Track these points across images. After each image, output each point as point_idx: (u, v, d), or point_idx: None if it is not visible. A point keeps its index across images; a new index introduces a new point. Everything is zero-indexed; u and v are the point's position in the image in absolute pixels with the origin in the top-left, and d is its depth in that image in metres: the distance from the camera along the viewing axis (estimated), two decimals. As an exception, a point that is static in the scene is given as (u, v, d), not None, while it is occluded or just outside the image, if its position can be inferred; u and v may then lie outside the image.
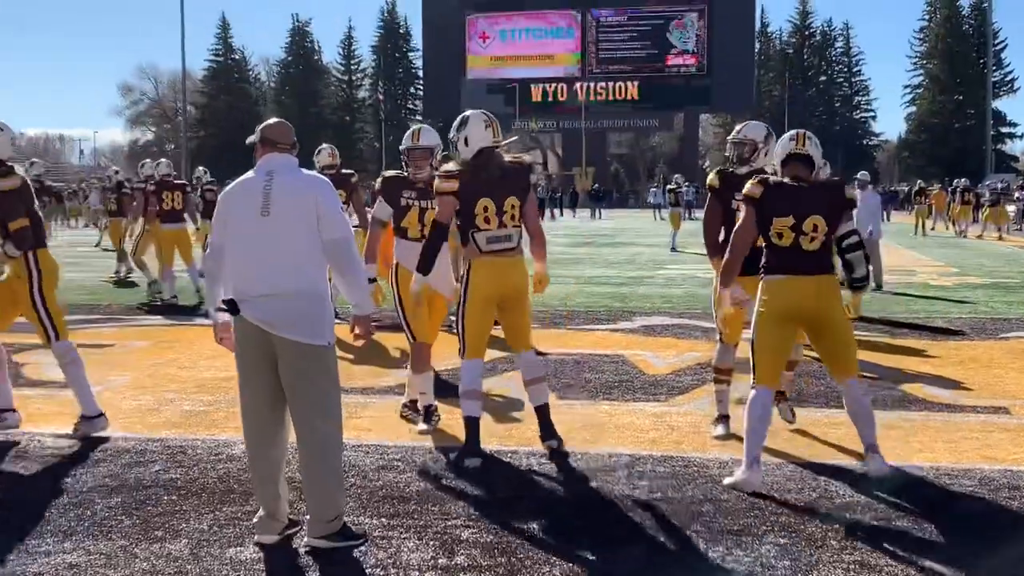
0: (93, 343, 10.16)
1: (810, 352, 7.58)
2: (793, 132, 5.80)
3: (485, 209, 5.79)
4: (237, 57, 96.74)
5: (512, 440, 6.38)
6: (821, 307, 5.43)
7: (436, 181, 5.90)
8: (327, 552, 4.49)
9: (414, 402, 6.78)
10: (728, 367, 6.61)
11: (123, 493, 5.31)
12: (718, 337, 6.62)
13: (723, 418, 6.55)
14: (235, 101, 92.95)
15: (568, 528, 4.79)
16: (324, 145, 12.06)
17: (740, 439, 5.94)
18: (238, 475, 5.59)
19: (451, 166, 5.93)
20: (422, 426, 6.60)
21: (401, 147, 6.74)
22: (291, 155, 4.72)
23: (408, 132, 6.81)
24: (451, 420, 6.57)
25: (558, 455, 6.01)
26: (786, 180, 5.56)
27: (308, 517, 4.61)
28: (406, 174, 6.67)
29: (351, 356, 9.21)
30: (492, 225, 5.82)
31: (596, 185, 65.85)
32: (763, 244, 5.56)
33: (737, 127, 6.85)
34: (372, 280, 6.54)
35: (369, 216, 10.96)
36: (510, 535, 4.67)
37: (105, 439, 6.40)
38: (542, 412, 6.17)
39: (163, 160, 15.43)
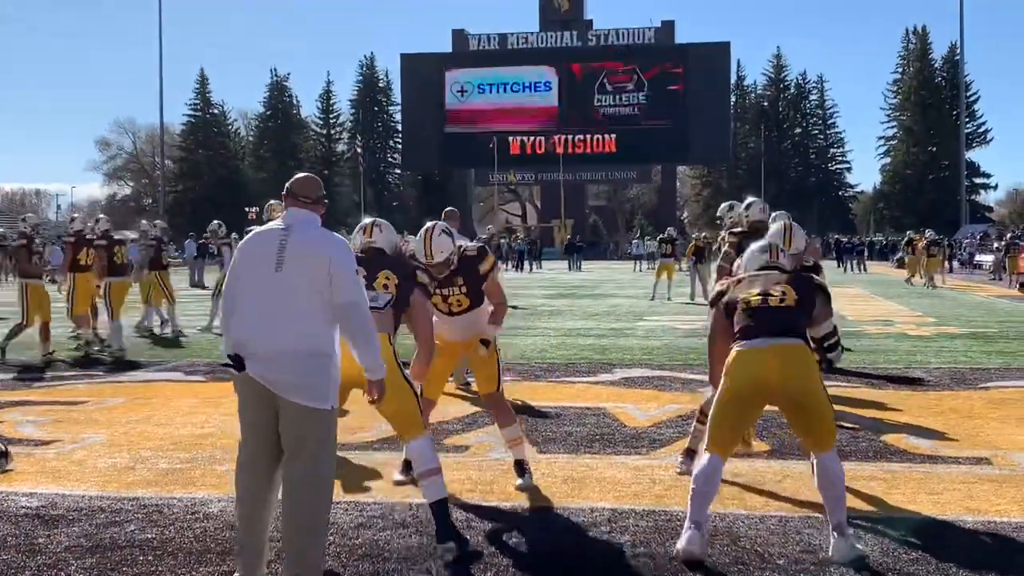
0: (67, 400, 10.05)
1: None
2: (765, 245, 5.87)
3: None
4: (216, 111, 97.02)
5: (492, 495, 6.32)
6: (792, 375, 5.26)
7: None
8: (305, 613, 4.41)
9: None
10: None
11: (98, 554, 5.21)
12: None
13: (691, 453, 6.53)
14: (214, 155, 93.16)
15: (550, 585, 4.72)
16: (271, 201, 12.42)
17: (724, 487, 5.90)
18: (215, 534, 5.50)
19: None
20: (397, 476, 6.66)
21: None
22: (314, 210, 4.63)
23: (419, 242, 6.35)
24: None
25: (539, 510, 5.96)
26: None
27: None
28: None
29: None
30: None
31: (572, 236, 65.72)
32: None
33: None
34: None
35: None
36: (492, 593, 4.60)
37: (80, 498, 6.30)
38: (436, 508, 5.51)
39: (102, 216, 16.18)
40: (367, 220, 6.21)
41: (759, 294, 5.38)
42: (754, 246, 5.91)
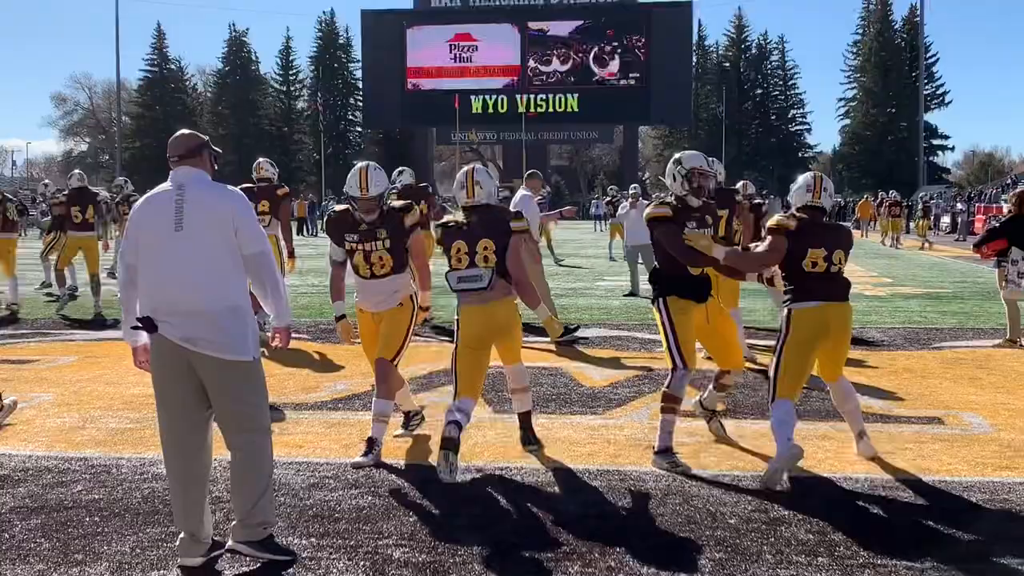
0: (17, 359, 9.91)
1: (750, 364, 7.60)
2: (810, 178, 6.24)
3: (458, 250, 6.10)
4: (173, 67, 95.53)
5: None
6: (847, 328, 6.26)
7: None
8: (254, 572, 4.36)
9: (408, 414, 6.89)
10: (681, 396, 6.16)
11: (43, 515, 5.14)
12: (680, 362, 6.11)
13: (668, 451, 6.06)
14: (171, 111, 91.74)
15: (503, 545, 4.70)
16: (261, 159, 12.17)
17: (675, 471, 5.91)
18: (164, 495, 5.42)
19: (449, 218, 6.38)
20: (399, 431, 6.75)
21: (347, 192, 6.39)
22: (197, 164, 4.58)
23: (354, 177, 6.34)
24: (393, 440, 6.42)
25: (493, 470, 5.94)
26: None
27: (234, 523, 4.52)
28: (351, 210, 6.44)
29: (287, 370, 9.06)
30: (463, 264, 6.09)
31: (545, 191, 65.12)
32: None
33: (697, 159, 6.54)
34: (341, 317, 6.46)
35: (282, 232, 11.06)
36: (443, 554, 4.58)
37: (26, 458, 6.20)
38: (523, 418, 6.51)
39: (76, 171, 15.76)
40: (462, 173, 6.33)
41: (824, 259, 6.01)
42: (800, 181, 6.25)
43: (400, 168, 13.62)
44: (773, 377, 5.92)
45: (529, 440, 6.44)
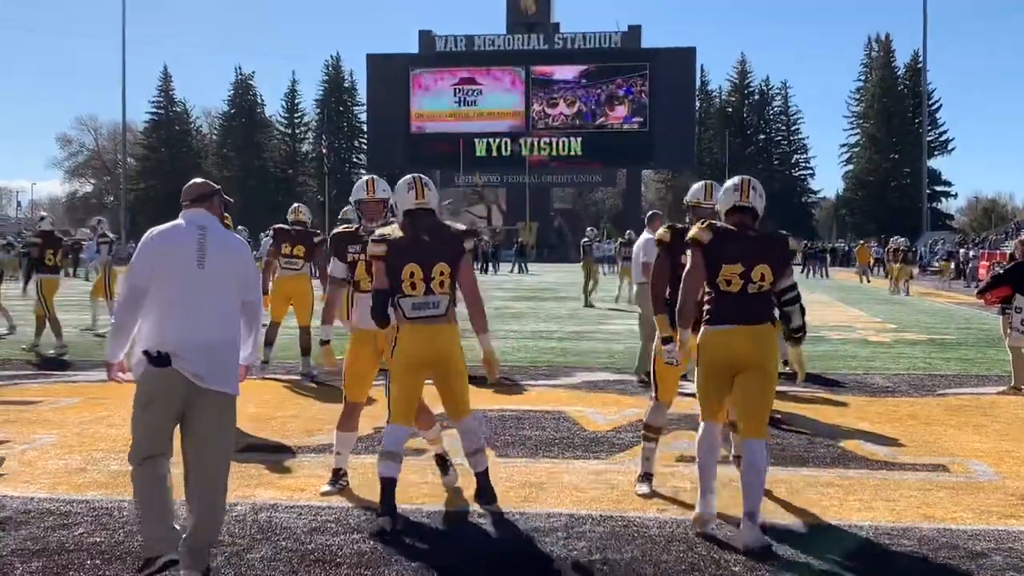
0: (20, 400, 9.90)
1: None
2: (738, 180, 5.81)
3: (411, 275, 5.70)
4: (179, 109, 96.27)
5: (449, 501, 6.26)
6: (758, 356, 5.45)
7: (368, 246, 5.86)
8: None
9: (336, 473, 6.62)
10: (659, 425, 6.58)
11: (44, 557, 5.11)
12: (653, 394, 6.54)
13: (647, 476, 6.49)
14: (176, 153, 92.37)
15: (505, 592, 4.67)
16: (299, 204, 12.67)
17: (668, 498, 5.90)
18: (165, 538, 5.40)
19: (385, 230, 5.88)
20: (325, 487, 6.45)
21: (354, 198, 6.64)
22: (212, 212, 4.95)
23: (361, 183, 6.65)
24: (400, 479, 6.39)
25: (496, 515, 5.91)
26: (732, 228, 5.60)
27: (185, 548, 4.65)
28: (357, 226, 6.62)
29: (288, 413, 9.05)
30: (418, 291, 5.73)
31: (518, 239, 64.23)
32: (704, 294, 5.58)
33: (694, 193, 6.68)
34: (325, 342, 6.46)
35: (320, 277, 11.19)
36: (445, 600, 4.55)
37: (28, 500, 6.18)
38: (481, 477, 6.12)
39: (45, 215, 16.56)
40: (408, 177, 5.97)
41: (740, 275, 5.46)
42: (728, 184, 5.86)
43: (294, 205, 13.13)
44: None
45: (487, 497, 6.07)
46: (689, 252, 5.62)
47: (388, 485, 5.68)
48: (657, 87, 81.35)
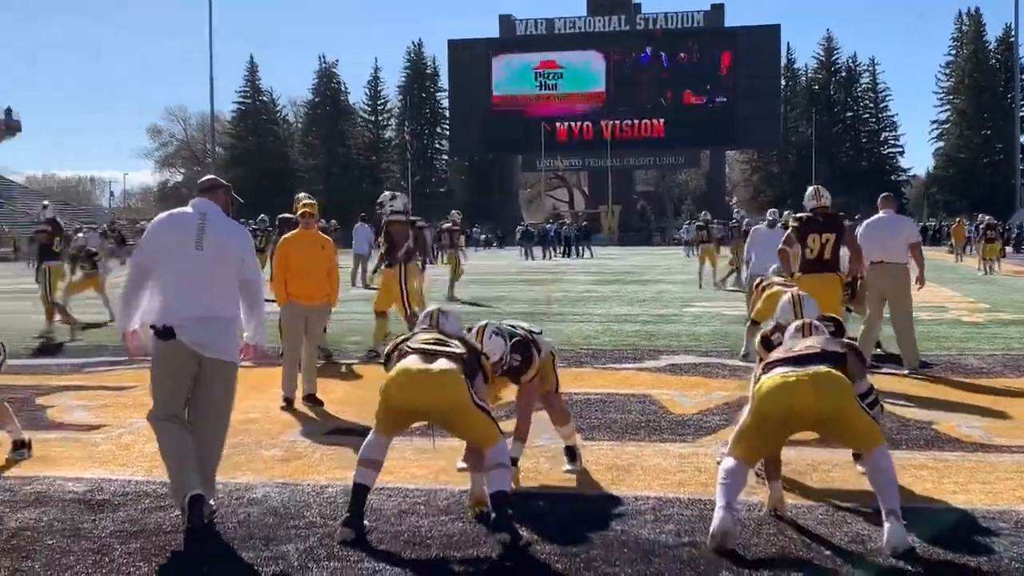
0: (116, 385, 10.15)
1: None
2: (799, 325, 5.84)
3: None
4: (265, 99, 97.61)
5: (537, 482, 6.28)
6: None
7: None
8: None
9: None
10: None
11: (142, 539, 5.24)
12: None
13: None
14: (263, 142, 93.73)
15: (592, 571, 4.67)
16: (398, 193, 13.07)
17: (759, 476, 5.82)
18: (259, 519, 5.51)
19: None
20: (461, 463, 6.49)
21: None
22: (213, 198, 5.62)
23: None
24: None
25: (583, 498, 5.91)
26: None
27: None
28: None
29: (375, 397, 9.14)
30: None
31: (568, 223, 62.89)
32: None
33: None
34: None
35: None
36: (534, 582, 4.57)
37: (126, 483, 6.34)
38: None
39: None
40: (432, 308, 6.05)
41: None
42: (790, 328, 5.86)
43: (393, 192, 13.28)
44: None
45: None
46: None
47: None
48: (741, 66, 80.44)
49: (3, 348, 7.25)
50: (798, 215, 10.64)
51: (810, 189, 10.42)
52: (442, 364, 5.29)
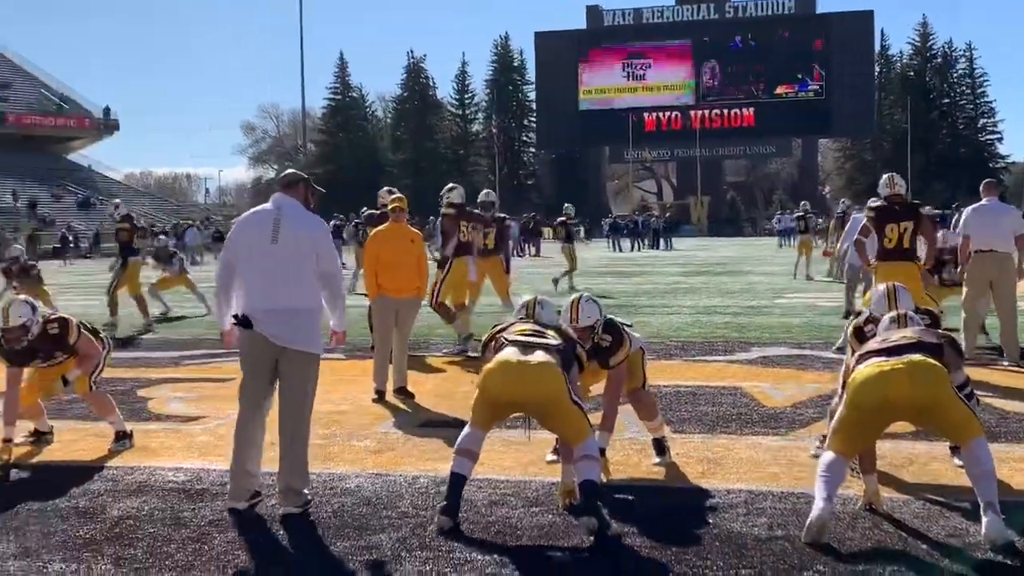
0: (214, 377, 10.38)
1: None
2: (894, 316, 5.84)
3: None
4: (355, 95, 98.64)
5: (626, 475, 6.27)
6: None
7: None
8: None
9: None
10: None
11: (239, 528, 5.36)
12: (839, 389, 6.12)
13: None
14: (353, 138, 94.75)
15: (683, 564, 4.65)
16: (456, 185, 12.91)
17: (853, 470, 5.72)
18: (352, 509, 5.60)
19: None
20: (550, 456, 6.51)
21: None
22: (291, 193, 5.74)
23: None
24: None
25: (672, 490, 5.89)
26: None
27: (279, 490, 5.60)
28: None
29: (465, 389, 9.20)
30: None
31: (656, 215, 61.68)
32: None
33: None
34: None
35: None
36: (627, 571, 4.56)
37: (224, 472, 6.48)
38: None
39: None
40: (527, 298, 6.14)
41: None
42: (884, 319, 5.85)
43: (451, 185, 12.84)
44: None
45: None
46: None
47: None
48: (833, 53, 79.04)
49: (109, 342, 7.47)
50: (873, 204, 10.49)
51: (884, 177, 10.29)
52: (540, 356, 5.35)
